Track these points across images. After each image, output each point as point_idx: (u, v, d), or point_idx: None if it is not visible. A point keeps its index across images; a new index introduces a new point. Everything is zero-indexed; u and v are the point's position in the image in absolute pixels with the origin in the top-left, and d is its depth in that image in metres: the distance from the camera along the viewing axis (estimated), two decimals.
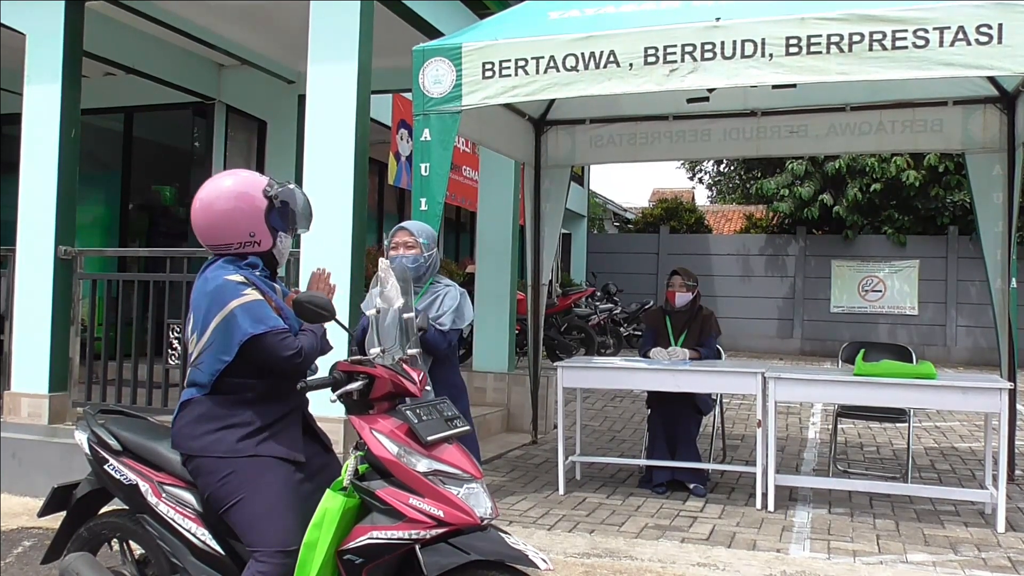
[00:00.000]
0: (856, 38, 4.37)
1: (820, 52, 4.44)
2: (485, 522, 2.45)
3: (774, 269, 17.65)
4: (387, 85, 7.40)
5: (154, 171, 9.68)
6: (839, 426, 6.42)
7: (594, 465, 6.13)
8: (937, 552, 4.33)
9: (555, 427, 6.08)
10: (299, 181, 5.51)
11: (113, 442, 2.86)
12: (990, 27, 4.18)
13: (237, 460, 2.61)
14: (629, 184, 48.08)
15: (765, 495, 5.06)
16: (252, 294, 2.62)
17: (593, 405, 8.97)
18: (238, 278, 2.65)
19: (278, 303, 2.73)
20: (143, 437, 2.88)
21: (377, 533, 2.42)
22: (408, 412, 2.54)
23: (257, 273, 2.74)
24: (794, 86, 5.59)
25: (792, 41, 4.46)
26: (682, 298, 5.85)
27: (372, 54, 5.42)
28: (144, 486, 2.75)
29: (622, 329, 14.47)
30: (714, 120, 7.10)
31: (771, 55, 4.50)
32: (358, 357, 2.65)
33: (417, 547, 2.42)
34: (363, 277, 5.48)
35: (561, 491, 5.39)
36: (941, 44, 4.27)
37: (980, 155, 6.47)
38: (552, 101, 6.91)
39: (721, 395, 6.18)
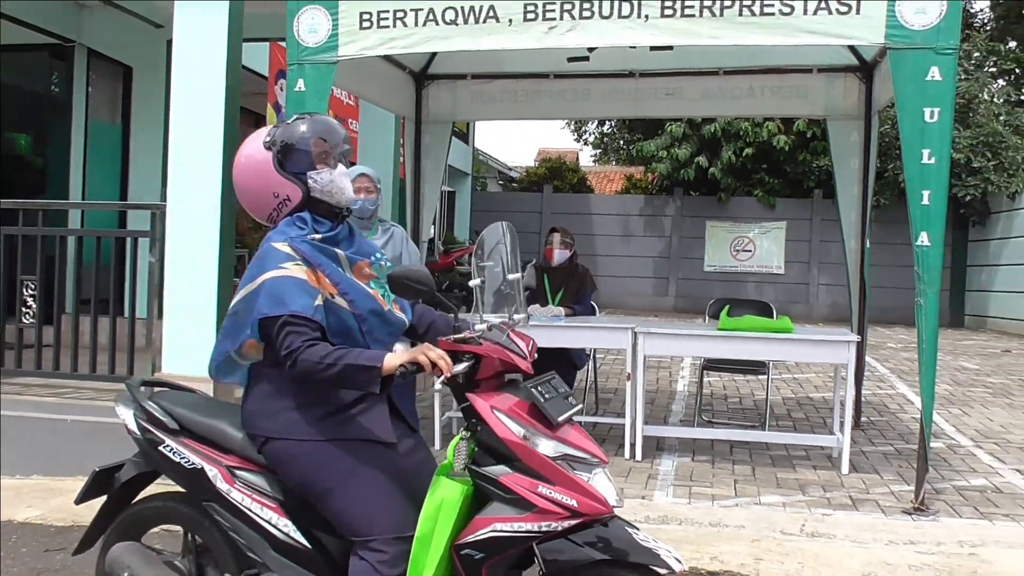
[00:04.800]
0: (727, 3, 4.49)
1: (693, 15, 4.55)
2: (615, 511, 2.24)
3: (652, 229, 18.16)
4: (264, 33, 7.13)
5: (7, 117, 9.02)
6: (705, 379, 6.72)
7: None
8: (788, 493, 4.63)
9: (433, 386, 6.11)
10: (165, 131, 5.28)
11: (168, 420, 2.51)
12: None
13: (321, 444, 2.31)
14: (516, 143, 48.16)
15: (633, 445, 5.26)
16: (288, 269, 2.28)
17: None
18: (284, 248, 2.32)
19: (334, 277, 2.35)
20: (202, 414, 2.54)
21: (501, 525, 2.16)
22: (533, 389, 2.28)
23: (312, 236, 2.37)
24: (671, 48, 5.72)
25: (667, 4, 4.55)
26: (560, 255, 5.98)
27: None
28: (212, 471, 2.42)
29: None
30: (594, 80, 7.18)
31: (647, 16, 4.58)
32: (462, 335, 2.33)
33: (534, 543, 2.19)
34: (234, 233, 5.32)
35: (437, 447, 5.44)
36: (805, 12, 4.44)
37: (840, 122, 6.82)
38: (433, 55, 6.83)
39: (595, 350, 6.35)
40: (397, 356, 2.24)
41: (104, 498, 2.67)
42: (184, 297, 5.04)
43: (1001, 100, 17.35)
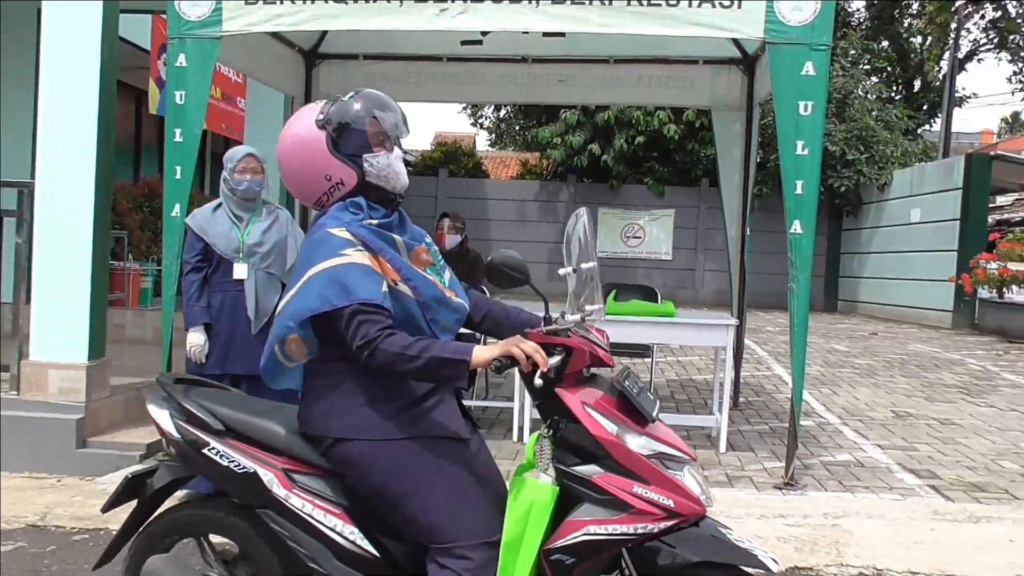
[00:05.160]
0: None
1: (584, 3, 4.62)
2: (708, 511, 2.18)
3: (546, 215, 18.36)
4: (146, 5, 6.83)
5: None
6: None
7: None
8: None
9: None
10: (35, 107, 4.99)
11: (211, 420, 2.29)
12: None
13: (396, 443, 2.13)
14: (412, 126, 47.65)
15: (521, 428, 5.34)
16: (350, 255, 2.11)
17: None
18: (342, 233, 2.14)
19: (395, 263, 2.19)
20: (247, 413, 2.32)
21: (595, 528, 2.07)
22: (627, 383, 2.16)
23: (369, 221, 2.21)
24: (563, 35, 5.78)
25: None
26: (451, 240, 6.00)
27: None
28: (266, 475, 2.21)
29: None
30: (487, 64, 7.19)
31: (538, 2, 4.62)
32: (553, 327, 2.22)
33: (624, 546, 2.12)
34: (109, 213, 5.09)
35: None
36: (690, 5, 4.58)
37: (724, 112, 7.07)
38: (324, 34, 6.70)
39: (484, 336, 6.38)
40: (488, 349, 2.10)
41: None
42: (55, 281, 4.78)
43: (874, 96, 18.30)
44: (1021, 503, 4.54)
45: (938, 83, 21.78)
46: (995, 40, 23.01)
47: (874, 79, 20.17)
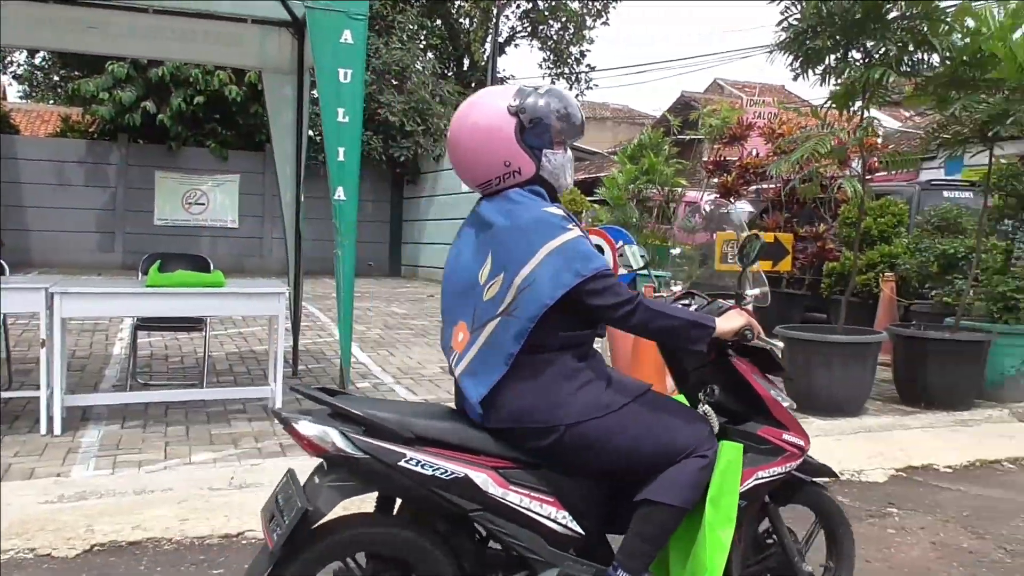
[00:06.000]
0: None
1: None
2: None
3: (94, 179, 16.57)
4: None
5: None
6: (148, 339, 6.35)
7: None
8: (220, 449, 4.60)
9: None
10: None
11: (400, 429, 2.13)
12: None
13: (617, 413, 2.24)
14: None
15: (51, 419, 4.73)
16: (575, 230, 2.20)
17: None
18: (558, 211, 2.24)
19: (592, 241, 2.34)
20: (422, 417, 2.21)
21: (762, 473, 2.42)
22: (769, 345, 2.48)
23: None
24: None
25: None
26: None
27: None
28: (479, 477, 2.17)
29: None
30: None
31: None
32: (746, 302, 2.55)
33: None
34: None
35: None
36: None
37: (275, 75, 6.93)
38: None
39: (4, 315, 5.54)
40: (727, 320, 2.31)
41: None
42: None
43: (429, 72, 19.44)
44: None
45: (483, 63, 23.83)
46: (529, 29, 25.81)
47: (430, 55, 21.40)
